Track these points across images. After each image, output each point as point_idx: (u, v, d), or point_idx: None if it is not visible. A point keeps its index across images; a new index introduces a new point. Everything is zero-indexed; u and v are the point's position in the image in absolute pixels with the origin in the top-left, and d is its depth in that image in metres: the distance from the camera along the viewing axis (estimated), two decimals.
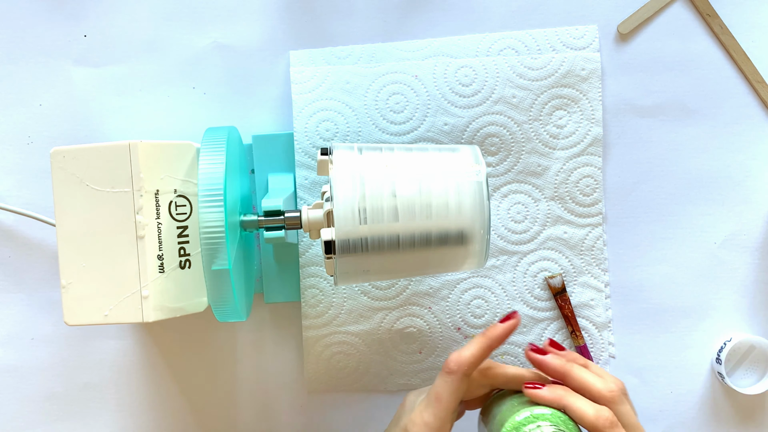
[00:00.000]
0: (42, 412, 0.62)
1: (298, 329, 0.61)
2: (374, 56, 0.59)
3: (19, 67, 0.61)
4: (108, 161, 0.46)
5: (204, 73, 0.61)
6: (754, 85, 0.60)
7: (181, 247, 0.48)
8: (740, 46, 0.60)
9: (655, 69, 0.60)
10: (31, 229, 0.61)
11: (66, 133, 0.61)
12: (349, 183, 0.45)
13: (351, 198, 0.44)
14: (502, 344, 0.48)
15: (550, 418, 0.43)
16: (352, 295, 0.59)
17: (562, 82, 0.58)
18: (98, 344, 0.61)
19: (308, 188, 0.59)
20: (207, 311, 0.51)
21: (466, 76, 0.58)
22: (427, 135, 0.59)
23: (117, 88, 0.61)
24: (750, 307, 0.61)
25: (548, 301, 0.60)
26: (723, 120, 0.60)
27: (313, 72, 0.59)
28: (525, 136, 0.59)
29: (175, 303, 0.48)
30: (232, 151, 0.51)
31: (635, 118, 0.60)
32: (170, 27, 0.61)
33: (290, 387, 0.61)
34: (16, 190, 0.61)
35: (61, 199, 0.47)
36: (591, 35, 0.59)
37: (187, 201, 0.49)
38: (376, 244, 0.44)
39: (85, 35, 0.61)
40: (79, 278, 0.47)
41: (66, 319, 0.47)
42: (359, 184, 0.45)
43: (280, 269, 0.59)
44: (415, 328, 0.60)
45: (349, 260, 0.45)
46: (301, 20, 0.60)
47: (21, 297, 0.61)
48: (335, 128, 0.59)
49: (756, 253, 0.61)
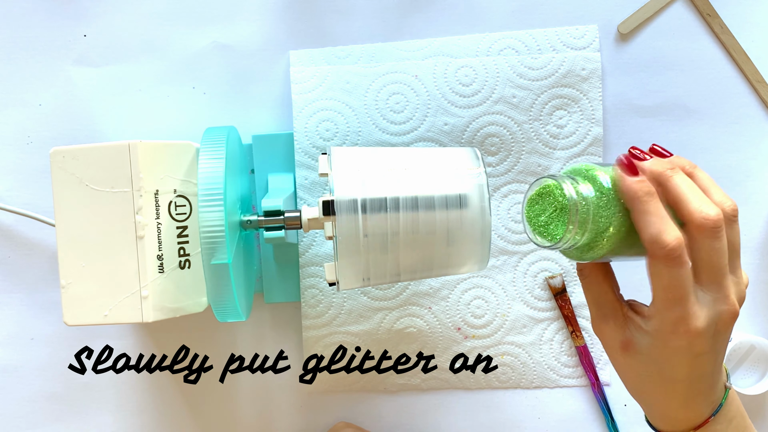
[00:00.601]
0: (42, 412, 0.62)
1: (298, 329, 0.61)
2: (374, 56, 0.59)
3: (19, 67, 0.61)
4: (108, 161, 0.46)
5: (204, 73, 0.61)
6: (754, 85, 0.60)
7: (180, 247, 0.48)
8: (740, 45, 0.59)
9: (655, 69, 0.60)
10: (31, 229, 0.61)
11: (66, 133, 0.61)
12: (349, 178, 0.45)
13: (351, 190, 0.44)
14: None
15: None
16: (352, 295, 0.59)
17: (562, 81, 0.58)
18: (98, 344, 0.61)
19: (308, 188, 0.59)
20: (207, 311, 0.51)
21: (466, 75, 0.58)
22: (427, 135, 0.58)
23: (117, 88, 0.61)
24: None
25: (548, 301, 0.60)
26: (723, 120, 0.60)
27: (313, 72, 0.59)
28: (525, 136, 0.59)
29: (175, 303, 0.48)
30: (232, 151, 0.51)
31: (635, 118, 0.60)
32: (170, 27, 0.60)
33: (290, 387, 0.61)
34: (16, 190, 0.61)
35: (60, 199, 0.47)
36: (591, 35, 0.59)
37: (187, 201, 0.49)
38: (376, 206, 0.44)
39: (85, 35, 0.61)
40: (78, 278, 0.47)
41: (66, 319, 0.47)
42: (359, 182, 0.45)
43: (280, 269, 0.59)
44: (415, 328, 0.60)
45: (348, 227, 0.44)
46: (301, 20, 0.60)
47: (21, 297, 0.61)
48: (335, 128, 0.59)
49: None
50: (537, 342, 0.60)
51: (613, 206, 0.39)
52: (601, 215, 0.39)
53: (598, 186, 0.40)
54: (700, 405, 0.41)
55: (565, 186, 0.40)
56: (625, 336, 0.41)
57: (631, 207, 0.38)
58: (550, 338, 0.60)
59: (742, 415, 0.42)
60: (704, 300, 0.38)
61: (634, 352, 0.40)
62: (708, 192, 0.39)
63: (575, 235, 0.40)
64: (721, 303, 0.38)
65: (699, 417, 0.41)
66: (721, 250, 0.37)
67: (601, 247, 0.40)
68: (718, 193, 0.39)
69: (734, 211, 0.38)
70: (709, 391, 0.40)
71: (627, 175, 0.38)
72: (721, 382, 0.41)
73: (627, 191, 0.38)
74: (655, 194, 0.38)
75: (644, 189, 0.38)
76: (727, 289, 0.38)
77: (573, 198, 0.39)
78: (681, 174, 0.39)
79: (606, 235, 0.40)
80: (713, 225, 0.37)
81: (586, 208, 0.39)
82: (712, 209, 0.37)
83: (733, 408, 0.42)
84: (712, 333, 0.38)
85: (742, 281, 0.39)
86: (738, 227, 0.39)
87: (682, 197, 0.38)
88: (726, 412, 0.41)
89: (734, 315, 0.38)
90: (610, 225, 0.39)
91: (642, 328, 0.40)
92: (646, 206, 0.37)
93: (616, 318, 0.41)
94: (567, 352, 0.60)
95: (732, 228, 0.38)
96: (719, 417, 0.41)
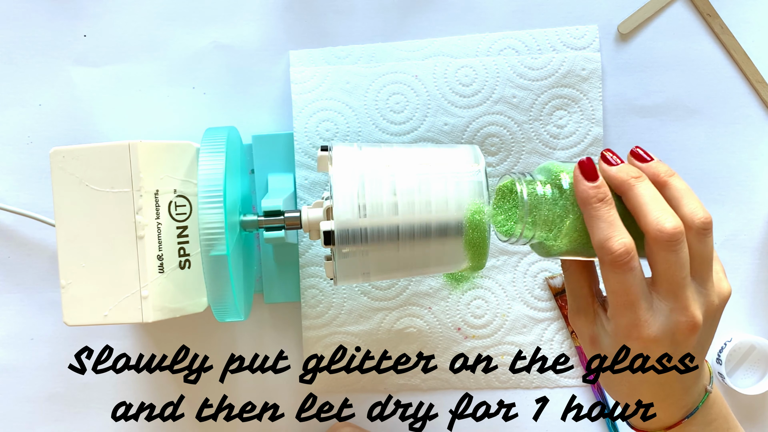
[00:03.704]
0: (42, 412, 0.62)
1: (298, 329, 0.61)
2: (374, 56, 0.59)
3: (19, 67, 0.61)
4: (108, 161, 0.46)
5: (204, 73, 0.61)
6: (754, 85, 0.60)
7: (180, 248, 0.48)
8: (740, 46, 0.59)
9: (655, 69, 0.60)
10: (31, 229, 0.61)
11: (66, 133, 0.61)
12: (349, 179, 0.45)
13: (351, 194, 0.44)
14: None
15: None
16: (352, 296, 0.59)
17: (562, 82, 0.58)
18: (98, 344, 0.61)
19: (308, 188, 0.59)
20: (207, 311, 0.51)
21: (467, 76, 0.58)
22: (427, 135, 0.58)
23: (117, 88, 0.61)
24: (750, 307, 0.61)
25: (548, 301, 0.60)
26: (723, 120, 0.60)
27: (313, 72, 0.59)
28: (525, 136, 0.59)
29: (175, 303, 0.48)
30: (231, 151, 0.51)
31: (635, 118, 0.60)
32: (170, 27, 0.60)
33: (290, 387, 0.61)
34: (16, 190, 0.61)
35: (60, 199, 0.47)
36: (591, 35, 0.59)
37: (187, 201, 0.49)
38: (376, 235, 0.44)
39: (85, 35, 0.61)
40: (78, 278, 0.47)
41: (65, 319, 0.47)
42: (359, 181, 0.45)
43: (280, 269, 0.59)
44: (415, 328, 0.60)
45: (348, 253, 0.45)
46: (301, 20, 0.60)
47: (21, 297, 0.61)
48: (335, 128, 0.59)
49: (756, 253, 0.61)
50: (537, 342, 0.60)
51: (569, 207, 0.40)
52: (556, 214, 0.40)
53: (558, 186, 0.41)
54: (670, 407, 0.40)
55: (518, 184, 0.41)
56: (593, 332, 0.41)
57: (583, 211, 0.39)
58: (550, 338, 0.60)
59: (725, 418, 0.42)
60: (660, 308, 0.38)
61: (599, 348, 0.41)
62: (679, 202, 0.38)
63: (525, 231, 0.41)
64: (678, 314, 0.37)
65: (669, 418, 0.41)
66: (678, 262, 0.37)
67: (557, 246, 0.41)
68: (692, 203, 0.38)
69: (704, 224, 0.38)
70: (680, 394, 0.40)
71: (583, 179, 0.38)
72: (699, 386, 0.41)
73: (579, 195, 0.39)
74: (608, 200, 0.38)
75: (597, 195, 0.38)
76: (685, 300, 0.37)
77: (522, 196, 0.41)
78: (645, 183, 0.38)
79: (560, 235, 0.40)
80: (668, 238, 0.36)
81: (536, 206, 0.40)
82: (669, 221, 0.37)
83: (714, 411, 0.41)
84: (669, 342, 0.38)
85: (712, 292, 0.39)
86: (710, 239, 0.38)
87: (640, 208, 0.38)
88: (704, 415, 0.41)
89: (693, 326, 0.37)
90: (564, 225, 0.40)
91: (605, 328, 0.41)
92: (596, 212, 0.38)
93: (587, 313, 0.42)
94: (567, 352, 0.60)
95: (701, 240, 0.38)
96: (695, 419, 0.41)
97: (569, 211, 0.40)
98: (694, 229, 0.38)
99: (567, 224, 0.40)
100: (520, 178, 0.42)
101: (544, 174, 0.42)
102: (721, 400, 0.42)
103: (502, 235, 0.44)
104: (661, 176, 0.39)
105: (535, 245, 0.43)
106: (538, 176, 0.42)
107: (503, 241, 0.44)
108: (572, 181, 0.40)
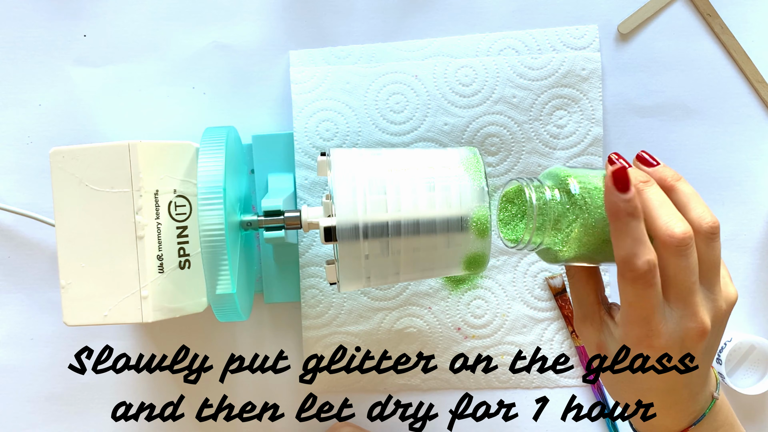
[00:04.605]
0: (42, 412, 0.62)
1: (298, 329, 0.61)
2: (374, 56, 0.59)
3: (18, 67, 0.61)
4: (107, 161, 0.46)
5: (204, 73, 0.61)
6: (754, 85, 0.60)
7: (180, 248, 0.48)
8: (740, 46, 0.59)
9: (655, 69, 0.60)
10: (31, 229, 0.61)
11: (66, 133, 0.61)
12: (350, 183, 0.45)
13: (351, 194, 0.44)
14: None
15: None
16: (352, 296, 0.59)
17: (562, 82, 0.58)
18: (98, 344, 0.61)
19: (308, 188, 0.59)
20: (207, 311, 0.51)
21: (466, 76, 0.58)
22: (427, 135, 0.58)
23: (117, 88, 0.61)
24: (750, 307, 0.61)
25: (548, 301, 0.60)
26: (723, 120, 0.60)
27: (313, 72, 0.59)
28: (525, 136, 0.59)
29: (175, 303, 0.48)
30: (231, 151, 0.51)
31: (635, 118, 0.60)
32: (170, 27, 0.60)
33: (290, 387, 0.61)
34: (16, 190, 0.61)
35: (60, 199, 0.47)
36: (591, 35, 0.59)
37: (187, 201, 0.49)
38: (377, 234, 0.44)
39: (85, 35, 0.61)
40: (78, 278, 0.47)
41: (65, 319, 0.47)
42: (359, 184, 0.45)
43: (280, 269, 0.59)
44: (415, 328, 0.60)
45: (350, 255, 0.44)
46: (301, 20, 0.60)
47: (20, 297, 0.61)
48: (335, 128, 0.59)
49: (756, 253, 0.61)
50: (537, 342, 0.60)
51: (578, 212, 0.39)
52: (564, 221, 0.40)
53: (566, 191, 0.40)
54: (677, 414, 0.40)
55: (526, 189, 0.41)
56: (600, 339, 0.41)
57: (610, 222, 0.38)
58: (550, 338, 0.60)
59: (731, 425, 0.42)
60: (671, 316, 0.38)
61: (606, 355, 0.41)
62: (686, 207, 0.38)
63: (534, 237, 0.40)
64: (688, 320, 0.37)
65: (676, 425, 0.41)
66: (688, 268, 0.37)
67: (565, 252, 0.40)
68: (699, 208, 0.38)
69: (712, 228, 0.37)
70: (688, 401, 0.40)
71: (615, 190, 0.37)
72: (706, 393, 0.41)
73: (609, 207, 0.37)
74: (637, 215, 0.37)
75: (627, 209, 0.36)
76: (695, 306, 0.37)
77: (531, 201, 0.40)
78: (654, 188, 0.38)
79: (568, 241, 0.40)
80: (678, 243, 0.36)
81: (544, 211, 0.40)
82: (678, 226, 0.36)
83: (720, 418, 0.41)
84: (679, 348, 0.38)
85: (719, 297, 0.39)
86: (718, 244, 0.38)
87: (650, 213, 0.37)
88: (711, 422, 0.41)
89: (702, 332, 0.37)
90: (572, 230, 0.40)
91: (612, 335, 0.40)
92: (625, 227, 0.37)
93: (593, 320, 0.42)
94: (567, 352, 0.60)
95: (709, 245, 0.38)
96: (702, 426, 0.41)
97: (578, 217, 0.39)
98: (702, 234, 0.37)
99: (575, 230, 0.40)
100: (528, 183, 0.41)
101: (551, 179, 0.41)
102: (728, 407, 0.42)
103: (509, 242, 0.43)
104: (668, 180, 0.39)
105: (541, 252, 0.43)
106: (546, 181, 0.42)
107: (510, 248, 0.43)
108: (581, 185, 0.40)
